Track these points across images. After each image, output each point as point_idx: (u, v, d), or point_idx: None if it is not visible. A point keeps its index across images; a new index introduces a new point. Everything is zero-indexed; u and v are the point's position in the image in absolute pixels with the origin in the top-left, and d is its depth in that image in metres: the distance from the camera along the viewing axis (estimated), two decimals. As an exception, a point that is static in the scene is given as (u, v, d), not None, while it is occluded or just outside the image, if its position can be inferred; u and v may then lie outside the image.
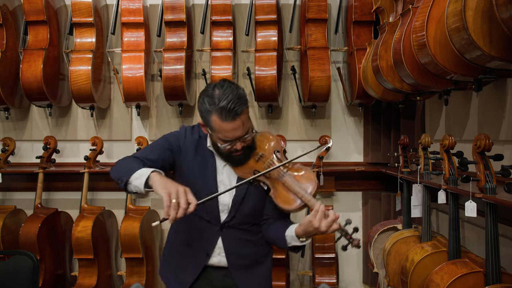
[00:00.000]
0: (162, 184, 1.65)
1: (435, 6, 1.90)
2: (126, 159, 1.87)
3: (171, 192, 1.60)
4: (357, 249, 1.86)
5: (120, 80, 3.43)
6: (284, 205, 1.82)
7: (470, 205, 1.99)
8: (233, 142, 1.78)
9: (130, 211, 3.34)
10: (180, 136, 1.93)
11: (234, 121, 1.72)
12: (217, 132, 1.76)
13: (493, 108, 2.38)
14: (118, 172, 1.80)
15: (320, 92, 3.31)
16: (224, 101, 1.70)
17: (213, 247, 1.90)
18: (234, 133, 1.75)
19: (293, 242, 1.82)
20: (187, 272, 1.93)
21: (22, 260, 2.42)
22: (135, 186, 1.72)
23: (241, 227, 1.92)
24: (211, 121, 1.75)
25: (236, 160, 1.86)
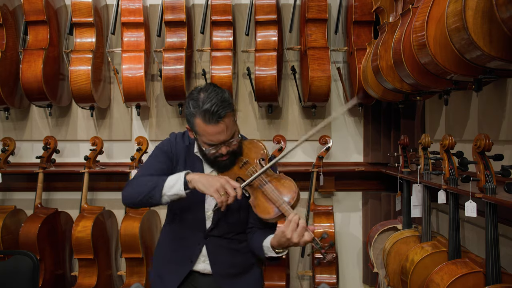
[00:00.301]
0: (205, 183, 1.70)
1: (435, 6, 1.90)
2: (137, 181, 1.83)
3: (217, 187, 1.67)
4: (328, 265, 1.86)
5: (120, 80, 3.43)
6: (262, 214, 1.79)
7: (470, 205, 1.99)
8: (218, 146, 1.78)
9: (130, 211, 3.33)
10: (171, 143, 1.95)
11: (217, 124, 1.72)
12: (201, 135, 1.77)
13: (493, 108, 2.37)
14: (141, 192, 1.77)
15: (320, 92, 3.31)
16: (207, 104, 1.71)
17: (197, 255, 1.90)
18: (218, 136, 1.75)
19: (269, 253, 1.81)
20: (172, 277, 1.92)
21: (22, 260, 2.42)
22: (173, 194, 1.74)
23: (226, 236, 1.91)
24: (195, 125, 1.76)
25: (221, 166, 1.85)
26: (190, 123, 1.79)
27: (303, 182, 3.44)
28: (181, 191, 1.72)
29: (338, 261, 3.53)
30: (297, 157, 3.67)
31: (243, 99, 3.68)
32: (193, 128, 1.79)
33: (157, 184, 1.74)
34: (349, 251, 3.69)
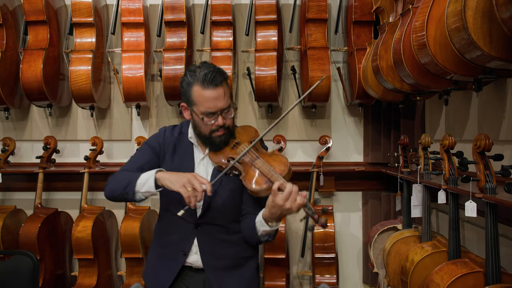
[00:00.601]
0: (172, 179, 1.72)
1: (435, 6, 1.90)
2: (116, 176, 1.89)
3: (184, 183, 1.69)
4: (322, 229, 1.82)
5: (120, 80, 3.43)
6: (253, 186, 1.77)
7: (470, 205, 1.99)
8: (215, 115, 1.79)
9: (130, 211, 3.34)
10: (159, 136, 1.98)
11: (215, 89, 1.77)
12: (199, 104, 1.79)
13: (493, 108, 2.38)
14: (117, 188, 1.83)
15: (320, 92, 3.31)
16: (204, 71, 1.78)
17: (189, 246, 1.89)
18: (216, 102, 1.77)
19: (261, 228, 1.79)
20: (166, 272, 1.92)
21: (22, 260, 2.42)
22: (145, 192, 1.78)
23: (216, 222, 1.89)
24: (192, 94, 1.79)
25: (216, 143, 1.86)
26: (187, 95, 1.82)
27: (303, 182, 3.44)
28: (152, 189, 1.77)
29: (338, 261, 3.52)
30: (297, 157, 3.67)
31: (243, 99, 3.68)
32: (189, 99, 1.81)
33: (130, 181, 1.78)
34: (349, 251, 3.69)
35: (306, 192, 1.73)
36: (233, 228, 1.93)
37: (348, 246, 3.69)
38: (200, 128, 1.85)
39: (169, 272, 1.91)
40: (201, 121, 1.82)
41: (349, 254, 3.69)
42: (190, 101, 1.82)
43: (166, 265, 1.94)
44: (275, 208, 1.69)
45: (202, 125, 1.83)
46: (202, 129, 1.84)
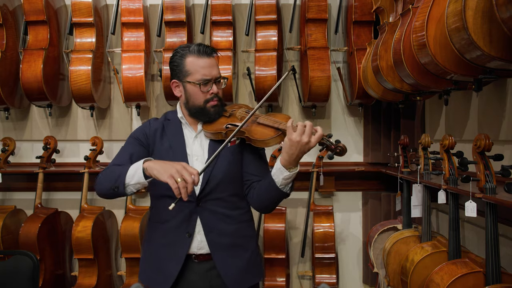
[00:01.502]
0: (160, 169, 1.65)
1: (435, 6, 1.91)
2: (105, 172, 1.84)
3: (172, 173, 1.61)
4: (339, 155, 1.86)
5: (120, 80, 3.43)
6: (261, 136, 1.79)
7: (470, 205, 1.99)
8: (210, 83, 1.85)
9: (130, 211, 3.34)
10: (145, 126, 1.98)
11: (209, 58, 1.86)
12: (194, 73, 1.84)
13: (493, 108, 2.38)
14: (107, 184, 1.77)
15: (320, 92, 3.31)
16: (196, 44, 1.87)
17: (193, 226, 1.85)
18: (211, 70, 1.85)
19: (281, 176, 1.76)
20: (172, 262, 1.87)
21: (22, 260, 2.42)
22: (135, 183, 1.72)
23: (218, 196, 1.87)
24: (186, 65, 1.85)
25: (211, 113, 1.88)
26: (179, 68, 1.87)
27: (303, 182, 3.44)
28: (142, 179, 1.70)
29: (338, 261, 3.53)
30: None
31: (243, 99, 3.68)
32: (183, 70, 1.86)
33: (120, 175, 1.73)
34: (349, 251, 3.69)
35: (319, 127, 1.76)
36: (234, 203, 1.91)
37: (348, 246, 3.69)
38: (194, 100, 1.87)
39: (175, 260, 1.86)
40: (197, 90, 1.85)
41: (349, 254, 3.69)
42: (184, 72, 1.86)
43: (170, 254, 1.88)
44: (293, 146, 1.69)
45: (198, 94, 1.86)
46: (196, 100, 1.87)
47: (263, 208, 1.93)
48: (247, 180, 1.93)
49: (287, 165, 1.75)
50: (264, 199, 1.87)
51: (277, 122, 1.80)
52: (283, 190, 1.80)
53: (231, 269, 1.88)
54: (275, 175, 1.78)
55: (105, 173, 1.82)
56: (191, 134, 1.94)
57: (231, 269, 1.88)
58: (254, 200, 1.90)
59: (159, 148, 1.92)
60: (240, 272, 1.89)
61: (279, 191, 1.79)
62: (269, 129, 1.81)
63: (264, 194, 1.85)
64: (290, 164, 1.75)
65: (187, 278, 1.87)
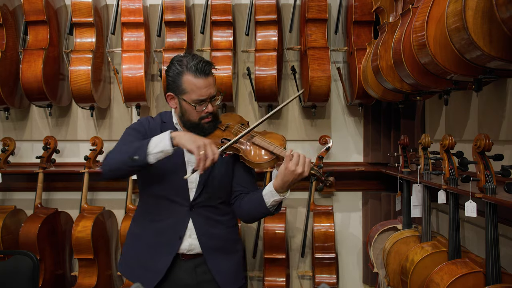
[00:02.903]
0: (188, 138, 1.73)
1: (435, 6, 1.91)
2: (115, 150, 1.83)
3: (200, 145, 1.70)
4: (329, 188, 1.97)
5: (120, 80, 3.43)
6: (255, 159, 1.86)
7: (470, 205, 1.99)
8: (205, 102, 1.86)
9: (130, 211, 3.34)
10: (144, 122, 1.98)
11: (207, 78, 1.84)
12: (190, 92, 1.84)
13: (493, 108, 2.38)
14: (123, 156, 1.76)
15: (320, 92, 3.31)
16: (195, 61, 1.84)
17: (184, 229, 1.91)
18: (207, 90, 1.85)
19: (271, 199, 1.85)
20: (160, 260, 1.91)
21: (22, 260, 2.42)
22: (158, 151, 1.73)
23: (210, 203, 1.94)
24: (183, 83, 1.84)
25: (205, 129, 1.91)
26: (176, 84, 1.86)
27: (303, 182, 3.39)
28: (168, 147, 1.73)
29: (338, 261, 3.52)
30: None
31: (243, 99, 3.68)
32: (179, 88, 1.85)
33: (140, 146, 1.75)
34: (349, 251, 3.69)
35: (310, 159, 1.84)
36: (224, 209, 1.99)
37: (348, 246, 3.69)
38: (189, 116, 1.89)
39: (163, 259, 1.90)
40: (192, 109, 1.86)
41: (349, 254, 3.69)
42: (180, 90, 1.86)
43: (159, 254, 1.91)
44: (288, 175, 1.78)
45: (192, 112, 1.87)
46: (191, 116, 1.89)
47: (248, 220, 2.05)
48: (236, 191, 2.00)
49: (279, 189, 1.84)
50: (252, 213, 1.96)
51: (272, 145, 1.86)
52: (270, 210, 1.89)
53: (223, 269, 1.96)
54: (266, 196, 1.87)
55: (116, 150, 1.83)
56: None
57: (224, 269, 1.96)
58: (241, 211, 1.98)
59: None
60: (231, 273, 2.00)
61: (267, 210, 1.89)
62: (264, 152, 1.87)
63: (253, 209, 1.93)
64: (282, 189, 1.84)
65: (174, 274, 1.93)
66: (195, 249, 1.92)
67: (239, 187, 1.99)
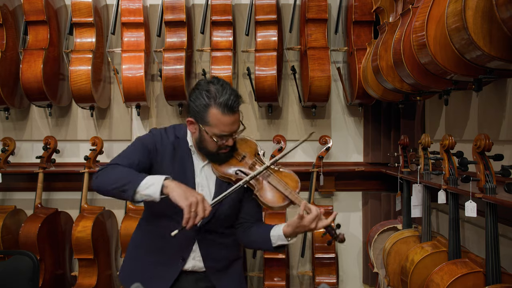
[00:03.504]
0: (181, 193, 1.66)
1: (435, 6, 1.91)
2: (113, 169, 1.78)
3: (192, 202, 1.63)
4: (341, 244, 1.94)
5: (120, 80, 3.43)
6: (270, 203, 1.85)
7: (470, 205, 1.99)
8: (227, 137, 1.81)
9: (130, 211, 3.34)
10: (156, 138, 1.90)
11: (233, 115, 1.78)
12: (214, 126, 1.77)
13: (493, 108, 2.38)
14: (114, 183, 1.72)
15: (320, 92, 3.31)
16: (225, 95, 1.75)
17: (188, 252, 1.89)
18: (231, 126, 1.79)
19: (279, 242, 1.83)
20: (162, 280, 1.90)
21: (22, 260, 2.42)
22: (146, 194, 1.69)
23: (217, 230, 1.92)
24: (208, 116, 1.77)
25: (222, 158, 1.87)
26: (201, 114, 1.78)
27: (303, 182, 3.36)
28: (156, 194, 1.67)
29: (338, 261, 3.52)
30: (297, 157, 3.67)
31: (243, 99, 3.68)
32: (203, 119, 1.78)
33: (133, 180, 1.69)
34: (349, 251, 3.69)
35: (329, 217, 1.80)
36: (228, 233, 1.98)
37: (348, 246, 3.69)
38: (207, 145, 1.84)
39: (165, 279, 1.90)
40: (212, 141, 1.81)
41: (349, 254, 3.69)
42: (204, 121, 1.78)
43: (161, 273, 1.91)
44: (300, 227, 1.76)
45: (212, 143, 1.82)
46: (209, 146, 1.84)
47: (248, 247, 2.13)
48: (241, 218, 1.98)
49: (288, 236, 1.82)
50: (255, 245, 2.06)
51: (288, 189, 1.84)
52: (275, 250, 1.88)
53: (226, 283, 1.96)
54: (273, 237, 1.84)
55: (114, 171, 1.76)
56: (199, 163, 1.92)
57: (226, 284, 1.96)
58: (245, 239, 1.97)
59: (169, 170, 1.85)
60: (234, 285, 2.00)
61: (270, 248, 1.88)
62: (279, 194, 1.86)
63: (257, 243, 1.95)
64: (291, 236, 1.82)
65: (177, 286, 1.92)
66: (198, 268, 1.92)
67: (246, 217, 1.96)
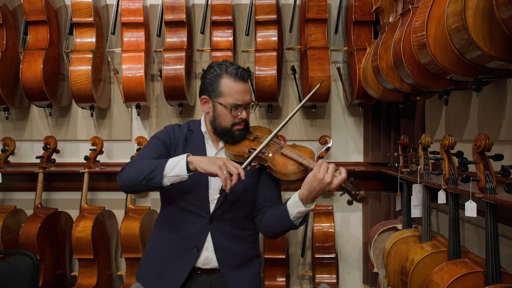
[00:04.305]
0: (208, 162, 1.72)
1: (435, 6, 1.91)
2: (135, 163, 1.83)
3: (220, 165, 1.69)
4: (362, 203, 1.91)
5: (120, 80, 3.43)
6: (284, 169, 1.82)
7: (470, 205, 1.99)
8: (241, 108, 1.87)
9: (130, 211, 3.34)
10: (169, 131, 1.98)
11: (245, 83, 1.87)
12: (227, 95, 1.85)
13: (493, 108, 2.38)
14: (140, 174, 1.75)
15: (320, 92, 3.31)
16: (234, 66, 1.88)
17: (203, 242, 1.88)
18: (244, 95, 1.87)
19: (296, 210, 1.79)
20: (178, 272, 1.89)
21: (22, 260, 2.42)
22: (174, 175, 1.73)
23: (231, 216, 1.91)
24: (221, 86, 1.86)
25: (235, 136, 1.91)
26: (213, 86, 1.87)
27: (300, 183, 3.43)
28: (183, 172, 1.73)
29: (338, 261, 3.52)
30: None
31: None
32: (216, 90, 1.86)
33: (158, 165, 1.75)
34: (349, 251, 3.69)
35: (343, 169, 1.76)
36: (244, 225, 1.96)
37: (348, 246, 3.69)
38: (222, 120, 1.89)
39: (179, 272, 1.88)
40: (227, 113, 1.87)
41: (349, 254, 3.69)
42: (217, 92, 1.87)
43: (175, 265, 1.90)
44: (315, 184, 1.72)
45: (226, 116, 1.88)
46: (224, 121, 1.89)
47: (270, 235, 1.96)
48: (259, 205, 1.96)
49: (304, 200, 1.78)
50: (274, 227, 1.90)
51: (302, 157, 1.82)
52: (294, 223, 1.83)
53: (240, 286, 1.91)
54: (290, 207, 1.81)
55: (133, 165, 1.81)
56: (212, 150, 1.97)
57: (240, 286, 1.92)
58: (263, 226, 1.93)
59: None
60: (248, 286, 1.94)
61: (290, 223, 1.82)
62: (293, 162, 1.83)
63: (275, 222, 1.88)
64: (308, 200, 1.78)
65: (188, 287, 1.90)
66: (211, 263, 1.89)
67: (263, 202, 1.95)
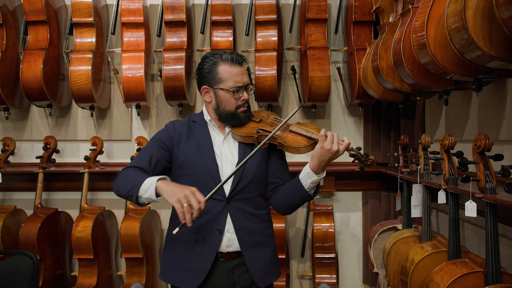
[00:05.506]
0: (169, 192, 1.71)
1: (435, 6, 1.91)
2: (125, 174, 1.88)
3: (180, 197, 1.67)
4: (370, 167, 2.00)
5: (120, 80, 3.43)
6: (294, 144, 1.89)
7: (470, 205, 1.99)
8: (241, 89, 1.93)
9: (130, 211, 3.34)
10: (169, 128, 2.01)
11: (241, 66, 1.94)
12: (227, 80, 1.91)
13: (493, 108, 2.38)
14: (123, 188, 1.84)
15: (320, 92, 3.31)
16: (228, 52, 1.96)
17: (223, 223, 1.91)
18: (243, 77, 1.93)
19: (309, 180, 1.87)
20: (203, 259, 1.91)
21: (22, 260, 2.42)
22: (147, 198, 1.78)
23: (246, 195, 1.94)
24: (219, 72, 1.92)
25: (241, 118, 1.96)
26: (212, 74, 1.93)
27: None
28: (153, 196, 1.76)
29: (338, 261, 3.53)
30: (297, 157, 3.65)
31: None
32: (215, 78, 1.92)
33: (135, 185, 1.79)
34: (349, 251, 3.69)
35: None
36: (260, 203, 2.00)
37: (348, 246, 3.69)
38: (226, 105, 1.94)
39: (206, 257, 1.90)
40: (229, 97, 1.92)
41: (349, 254, 3.69)
42: (217, 79, 1.92)
43: (200, 252, 1.91)
44: (324, 154, 1.82)
45: (230, 100, 1.93)
46: (228, 106, 1.94)
47: (286, 210, 2.02)
48: (272, 183, 2.02)
49: (315, 170, 1.86)
50: (290, 200, 1.97)
51: (309, 131, 1.91)
52: (309, 193, 1.90)
53: (259, 265, 1.96)
54: (303, 178, 1.89)
55: (123, 176, 1.88)
56: (219, 136, 2.00)
57: (259, 265, 1.96)
58: (279, 202, 1.99)
59: (186, 149, 1.95)
60: (266, 269, 1.99)
61: (306, 193, 1.90)
62: (302, 137, 1.91)
63: (291, 196, 1.95)
64: (318, 170, 1.87)
65: (213, 275, 1.93)
66: (234, 245, 1.92)
67: (275, 179, 2.01)
